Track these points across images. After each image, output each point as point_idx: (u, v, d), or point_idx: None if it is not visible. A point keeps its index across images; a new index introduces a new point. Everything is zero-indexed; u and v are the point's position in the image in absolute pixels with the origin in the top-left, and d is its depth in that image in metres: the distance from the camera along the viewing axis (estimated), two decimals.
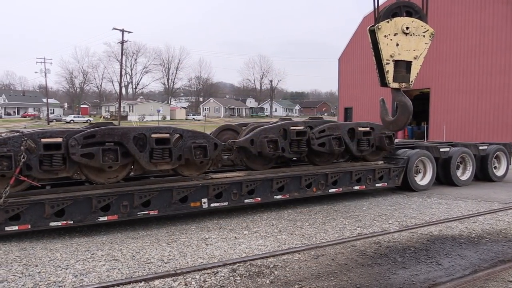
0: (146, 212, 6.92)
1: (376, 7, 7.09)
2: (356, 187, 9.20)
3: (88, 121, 67.57)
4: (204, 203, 7.38)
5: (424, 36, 6.92)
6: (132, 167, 7.17)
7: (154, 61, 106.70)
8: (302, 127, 8.60)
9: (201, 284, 4.63)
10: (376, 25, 6.79)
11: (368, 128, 9.43)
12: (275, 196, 8.14)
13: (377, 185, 9.54)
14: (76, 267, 5.11)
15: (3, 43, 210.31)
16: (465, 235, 6.65)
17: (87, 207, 6.49)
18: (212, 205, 7.48)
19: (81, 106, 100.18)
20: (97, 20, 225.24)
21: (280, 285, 4.65)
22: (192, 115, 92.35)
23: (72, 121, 68.17)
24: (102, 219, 6.61)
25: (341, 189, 8.94)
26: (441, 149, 10.75)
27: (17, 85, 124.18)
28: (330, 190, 8.83)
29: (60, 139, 6.38)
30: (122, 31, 50.01)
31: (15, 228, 6.11)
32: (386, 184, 9.68)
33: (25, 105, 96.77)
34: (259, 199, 7.98)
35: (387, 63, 6.82)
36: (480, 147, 11.79)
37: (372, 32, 6.93)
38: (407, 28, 6.79)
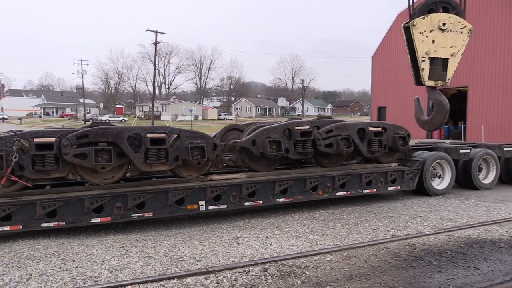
0: (141, 214, 6.71)
1: (411, 3, 6.93)
2: (366, 191, 8.72)
3: (123, 120, 69.34)
4: (202, 205, 7.12)
5: (461, 32, 6.71)
6: (128, 168, 7.02)
7: (187, 62, 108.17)
8: (308, 127, 8.27)
9: (232, 283, 4.65)
10: (411, 22, 6.64)
11: (379, 128, 8.95)
12: (277, 199, 7.80)
13: (389, 188, 9.04)
14: (111, 263, 5.24)
15: (42, 46, 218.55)
16: (505, 239, 6.39)
17: (79, 208, 6.36)
18: (210, 207, 7.20)
19: (116, 106, 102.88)
20: (131, 22, 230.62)
21: (311, 285, 4.61)
22: (224, 114, 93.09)
23: (107, 121, 70.00)
24: (94, 220, 6.47)
25: (349, 192, 8.51)
26: (461, 151, 10.14)
27: (56, 86, 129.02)
28: (338, 194, 8.39)
29: (52, 139, 6.31)
30: (156, 32, 50.95)
31: (7, 228, 6.05)
32: (399, 187, 9.18)
33: (63, 105, 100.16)
34: (260, 202, 7.63)
35: (423, 61, 6.65)
36: (505, 149, 11.05)
37: (406, 29, 6.77)
38: (444, 24, 6.60)
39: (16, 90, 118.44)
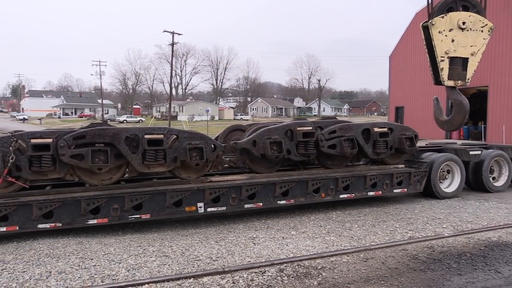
0: (138, 216, 6.65)
1: (430, 2, 6.83)
2: (371, 193, 8.49)
3: (140, 121, 70.06)
4: (200, 207, 7.00)
5: (482, 31, 6.59)
6: (127, 169, 6.95)
7: (203, 62, 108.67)
8: (310, 128, 8.04)
9: (248, 283, 4.65)
10: (430, 21, 6.54)
11: (385, 129, 8.67)
12: (278, 202, 7.63)
13: (395, 190, 8.78)
14: (128, 262, 5.30)
15: (62, 48, 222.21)
16: None
17: (76, 210, 6.34)
18: (208, 209, 7.08)
19: (134, 106, 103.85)
20: (148, 23, 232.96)
21: (328, 287, 4.59)
22: (240, 115, 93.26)
23: (125, 121, 70.86)
24: (91, 222, 6.43)
25: (353, 194, 8.29)
26: (471, 152, 9.79)
27: (74, 86, 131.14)
28: (341, 196, 8.18)
29: (49, 140, 6.29)
30: (173, 33, 51.33)
31: (3, 229, 6.06)
32: (406, 190, 8.89)
33: (82, 106, 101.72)
34: (261, 204, 7.48)
35: (442, 60, 6.55)
36: None
37: (425, 28, 6.68)
38: (464, 23, 6.49)
39: (36, 91, 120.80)
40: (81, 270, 5.01)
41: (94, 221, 6.45)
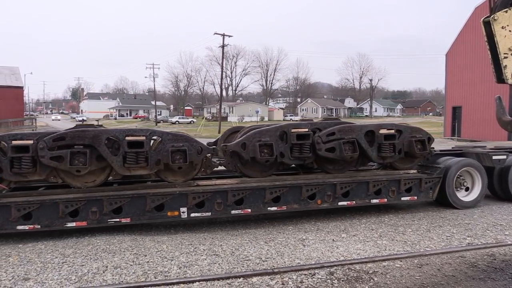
0: (118, 220, 6.49)
1: None
2: (374, 200, 7.76)
3: (192, 121, 71.67)
4: (183, 212, 6.72)
5: None
6: (111, 171, 6.76)
7: (253, 63, 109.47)
8: (306, 130, 7.47)
9: (298, 285, 4.61)
10: (492, 16, 6.20)
11: (392, 131, 7.95)
12: (269, 208, 7.16)
13: (403, 198, 7.98)
14: (180, 259, 5.41)
15: (118, 51, 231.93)
16: None
17: (55, 212, 6.27)
18: (192, 215, 6.77)
19: (185, 107, 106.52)
20: (200, 26, 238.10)
21: None
22: (290, 115, 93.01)
23: (177, 122, 72.76)
24: (70, 225, 6.34)
25: (354, 202, 7.63)
26: (494, 157, 8.66)
27: (130, 89, 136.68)
28: (340, 203, 7.55)
29: (30, 142, 6.24)
30: (223, 35, 52.09)
31: None
32: (416, 198, 8.08)
33: (136, 107, 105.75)
34: (249, 210, 7.05)
35: (505, 57, 6.18)
36: None
37: (486, 24, 6.33)
38: None
39: (94, 93, 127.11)
40: (135, 266, 5.18)
41: (73, 224, 6.36)
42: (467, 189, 8.61)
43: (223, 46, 53.73)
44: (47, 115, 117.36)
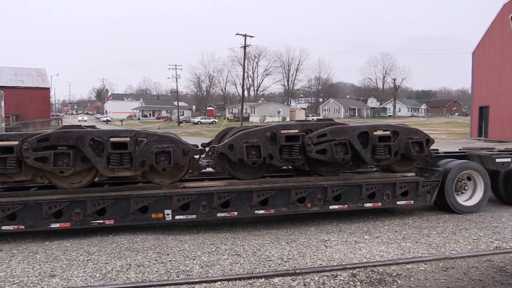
0: (101, 221, 6.46)
1: None
2: (368, 204, 7.49)
3: (213, 122, 72.07)
4: (168, 214, 6.64)
5: None
6: (97, 172, 6.68)
7: (275, 64, 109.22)
8: (296, 131, 7.20)
9: (319, 286, 4.58)
10: None
11: (387, 132, 7.56)
12: (256, 211, 6.98)
13: (399, 202, 7.68)
14: (202, 259, 5.45)
15: (141, 53, 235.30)
16: None
17: (38, 213, 6.27)
18: (177, 217, 6.67)
19: (207, 108, 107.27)
20: (221, 27, 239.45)
21: None
22: (312, 116, 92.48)
23: (199, 122, 73.28)
24: (54, 226, 6.33)
25: (346, 206, 7.38)
26: (498, 160, 8.27)
27: (153, 90, 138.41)
28: (331, 207, 7.31)
29: (15, 142, 6.22)
30: (245, 36, 52.23)
31: None
32: (412, 202, 7.78)
33: (159, 108, 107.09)
34: (236, 213, 6.90)
35: None
36: None
37: None
38: None
39: (118, 94, 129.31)
40: (158, 265, 5.24)
41: (57, 225, 6.36)
42: (468, 193, 8.23)
43: (244, 47, 53.88)
44: (73, 115, 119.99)
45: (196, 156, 6.98)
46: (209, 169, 7.57)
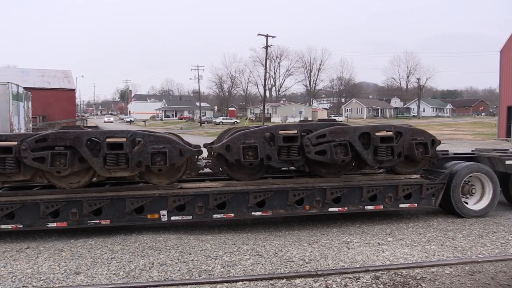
0: (97, 221, 6.49)
1: None
2: (369, 207, 7.27)
3: (235, 122, 72.32)
4: (164, 215, 6.62)
5: None
6: (95, 173, 6.69)
7: (297, 64, 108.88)
8: (295, 131, 7.05)
9: None
10: None
11: (390, 133, 7.33)
12: (253, 213, 6.89)
13: (401, 205, 7.44)
14: (224, 259, 5.46)
15: (164, 54, 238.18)
16: None
17: (36, 212, 6.34)
18: (172, 218, 6.66)
19: (229, 108, 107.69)
20: (243, 27, 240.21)
21: None
22: (334, 116, 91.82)
23: (221, 123, 73.64)
24: (51, 225, 6.40)
25: (346, 208, 7.18)
26: (507, 162, 7.86)
27: (175, 90, 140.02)
28: (330, 209, 7.13)
29: (14, 143, 6.30)
30: (266, 36, 52.23)
31: None
32: (416, 205, 7.50)
33: (181, 109, 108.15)
34: (232, 214, 6.82)
35: None
36: None
37: None
38: None
39: (141, 95, 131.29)
40: (180, 264, 5.28)
41: (54, 225, 6.42)
42: (476, 196, 7.91)
43: (266, 47, 53.88)
44: (97, 116, 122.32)
45: (200, 157, 6.97)
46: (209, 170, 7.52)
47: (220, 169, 7.19)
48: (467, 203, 7.79)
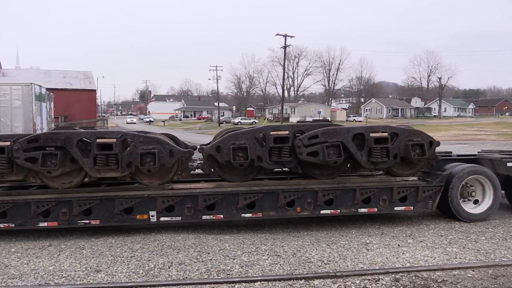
0: (87, 221, 6.53)
1: None
2: (362, 210, 7.07)
3: (253, 122, 72.40)
4: (153, 216, 6.61)
5: None
6: (87, 173, 6.69)
7: (315, 64, 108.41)
8: (286, 132, 6.91)
9: None
10: None
11: (384, 134, 7.09)
12: (242, 214, 6.82)
13: (396, 208, 7.20)
14: (242, 259, 5.47)
15: (183, 55, 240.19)
16: None
17: (27, 212, 6.42)
18: (162, 219, 6.65)
19: (248, 108, 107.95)
20: (262, 27, 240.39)
21: None
22: (353, 116, 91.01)
23: (239, 123, 73.80)
24: (42, 224, 6.46)
25: (339, 211, 7.02)
26: (509, 164, 7.53)
27: (194, 91, 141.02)
28: (322, 212, 6.98)
29: (6, 143, 6.37)
30: (285, 36, 52.13)
31: None
32: (412, 208, 7.28)
33: (200, 109, 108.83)
34: (221, 216, 6.77)
35: None
36: None
37: None
38: None
39: (160, 95, 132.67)
40: (198, 263, 5.31)
41: (45, 224, 6.48)
42: (476, 200, 7.58)
43: (285, 47, 53.80)
44: (118, 116, 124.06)
45: (196, 157, 6.92)
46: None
47: (212, 170, 7.14)
48: (466, 207, 7.50)
